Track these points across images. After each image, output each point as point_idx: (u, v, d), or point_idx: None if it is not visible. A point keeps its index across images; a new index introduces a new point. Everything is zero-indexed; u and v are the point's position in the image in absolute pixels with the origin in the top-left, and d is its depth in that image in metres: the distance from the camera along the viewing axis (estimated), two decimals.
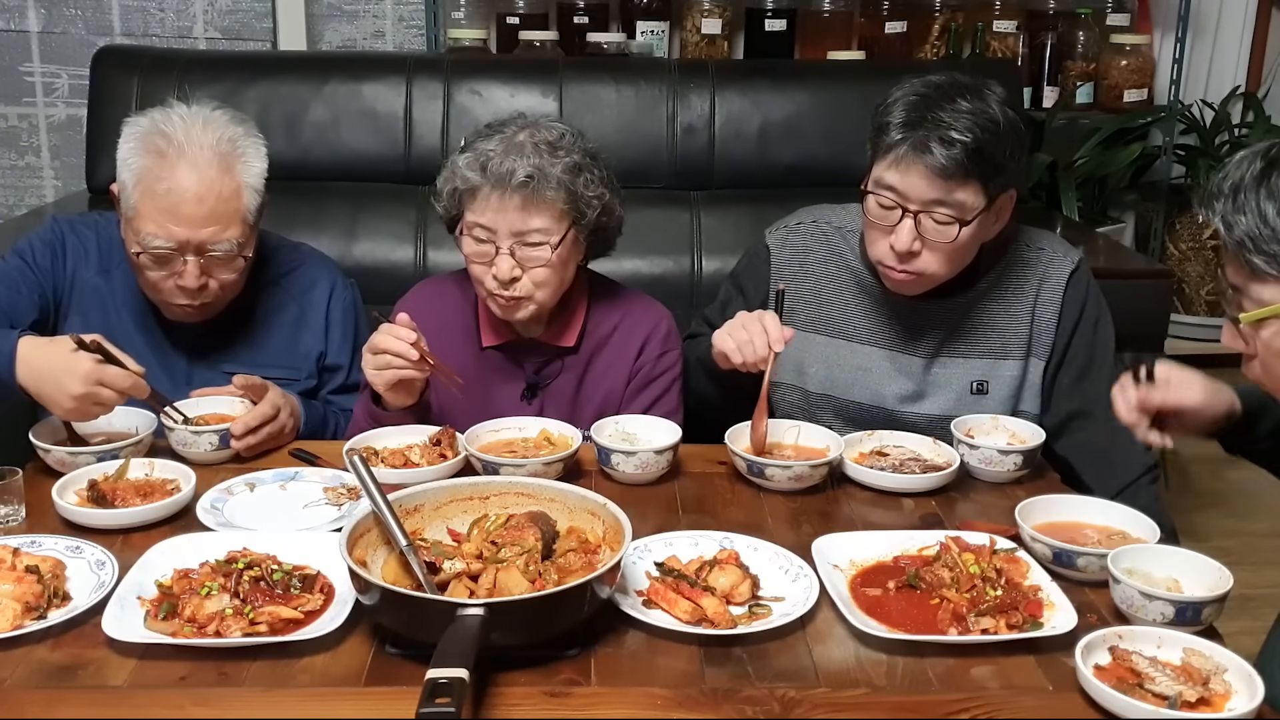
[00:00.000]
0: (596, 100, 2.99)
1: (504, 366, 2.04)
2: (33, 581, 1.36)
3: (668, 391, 2.05)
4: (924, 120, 1.78)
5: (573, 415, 1.96)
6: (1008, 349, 1.99)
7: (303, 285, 2.13)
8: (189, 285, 1.90)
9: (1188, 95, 4.38)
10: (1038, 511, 1.58)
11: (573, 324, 2.04)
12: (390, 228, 2.84)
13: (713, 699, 1.23)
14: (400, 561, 1.37)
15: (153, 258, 1.89)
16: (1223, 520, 3.19)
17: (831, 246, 2.06)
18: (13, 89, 3.98)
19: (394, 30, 4.08)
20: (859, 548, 1.52)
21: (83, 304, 2.03)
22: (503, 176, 1.84)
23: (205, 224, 1.88)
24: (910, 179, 1.80)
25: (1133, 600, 1.36)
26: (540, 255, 1.88)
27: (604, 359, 2.05)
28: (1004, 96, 1.84)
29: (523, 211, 1.86)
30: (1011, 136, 1.82)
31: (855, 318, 2.04)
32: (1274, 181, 1.34)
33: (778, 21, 3.96)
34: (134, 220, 1.89)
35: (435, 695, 1.09)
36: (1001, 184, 1.85)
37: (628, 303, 2.10)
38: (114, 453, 1.72)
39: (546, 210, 1.87)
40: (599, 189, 1.93)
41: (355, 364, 2.12)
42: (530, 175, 1.84)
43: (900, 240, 1.84)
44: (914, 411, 2.01)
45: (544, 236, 1.87)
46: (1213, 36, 4.45)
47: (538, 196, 1.85)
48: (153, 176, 1.87)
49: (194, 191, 1.86)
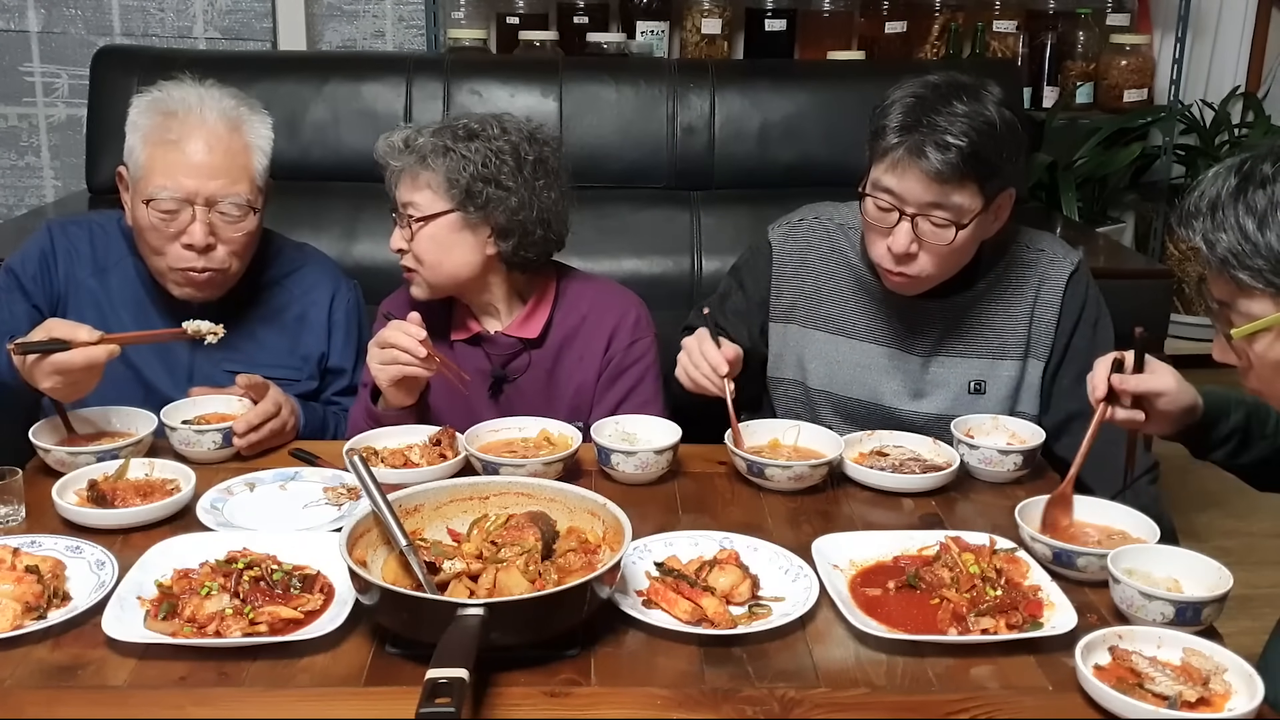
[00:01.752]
0: (596, 100, 2.99)
1: (473, 361, 2.04)
2: (33, 581, 1.36)
3: (642, 381, 2.04)
4: (919, 124, 1.79)
5: (545, 409, 1.96)
6: (1006, 349, 1.99)
7: (305, 286, 2.13)
8: (197, 242, 1.91)
9: (1188, 95, 4.38)
10: (1039, 512, 1.58)
11: (536, 315, 2.04)
12: (390, 228, 2.82)
13: (713, 699, 1.23)
14: (400, 561, 1.37)
15: (161, 215, 1.90)
16: (1223, 520, 3.19)
17: (833, 243, 2.07)
18: (13, 89, 3.98)
19: (394, 30, 4.08)
20: (859, 548, 1.52)
21: (80, 306, 2.03)
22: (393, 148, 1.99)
23: (214, 175, 1.90)
24: (906, 182, 1.81)
25: (1133, 600, 1.36)
26: (418, 229, 1.97)
27: (574, 351, 2.06)
28: (1001, 97, 1.84)
29: (411, 185, 1.98)
30: (1008, 137, 1.82)
31: (855, 315, 2.04)
32: (1250, 196, 1.33)
33: (778, 21, 3.96)
34: (142, 181, 1.91)
35: (435, 695, 1.09)
36: (999, 184, 1.85)
37: (596, 293, 2.10)
38: (114, 453, 1.72)
39: (423, 186, 1.96)
40: (489, 173, 1.94)
41: (358, 366, 2.12)
42: (405, 144, 1.96)
43: (897, 242, 1.84)
44: (912, 410, 2.01)
45: (415, 210, 1.97)
46: (1213, 36, 4.46)
47: (416, 171, 1.96)
48: (162, 128, 1.91)
49: (203, 141, 1.91)
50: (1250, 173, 1.34)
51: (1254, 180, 1.34)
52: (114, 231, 2.09)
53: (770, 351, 2.10)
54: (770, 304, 2.09)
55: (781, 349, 2.09)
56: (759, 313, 2.10)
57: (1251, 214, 1.32)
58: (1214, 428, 1.67)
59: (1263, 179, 1.33)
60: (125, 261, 2.06)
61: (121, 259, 2.06)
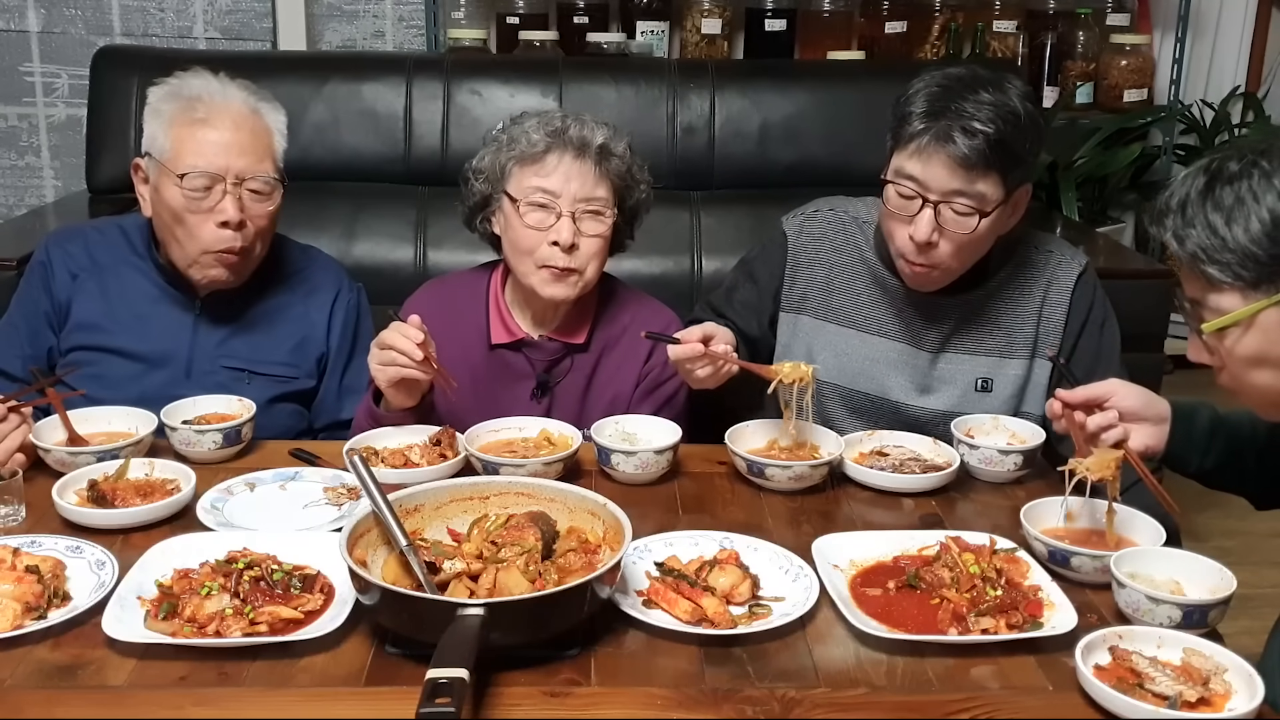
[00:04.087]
0: (596, 100, 2.98)
1: (513, 365, 2.04)
2: (33, 581, 1.36)
3: (676, 395, 2.05)
4: (947, 110, 1.79)
5: (580, 415, 1.97)
6: (1014, 348, 1.99)
7: (308, 286, 2.14)
8: (231, 218, 1.93)
9: (1188, 95, 4.38)
10: (1044, 514, 1.58)
11: (583, 321, 2.04)
12: (390, 228, 2.84)
13: (713, 699, 1.23)
14: (400, 561, 1.37)
15: (194, 193, 1.92)
16: (1223, 520, 3.19)
17: (848, 236, 2.07)
18: (13, 89, 3.98)
19: (394, 30, 4.08)
20: (859, 548, 1.52)
21: (79, 312, 2.05)
22: (581, 141, 1.91)
23: (242, 153, 1.95)
24: (932, 168, 1.81)
25: (1139, 605, 1.36)
26: (600, 226, 1.94)
27: (613, 359, 2.06)
28: (1024, 90, 1.85)
29: (592, 178, 1.93)
30: (1032, 130, 1.83)
31: (865, 308, 2.04)
32: (1218, 193, 1.36)
33: (778, 21, 3.96)
34: (171, 160, 1.94)
35: (435, 695, 1.09)
36: (1020, 177, 1.86)
37: (637, 304, 2.11)
38: (114, 453, 1.72)
39: (607, 183, 1.94)
40: (646, 175, 2.02)
41: (351, 365, 2.12)
42: (605, 143, 1.92)
43: (920, 230, 1.84)
44: (919, 406, 2.01)
45: (604, 206, 1.94)
46: (1213, 36, 4.45)
47: (605, 165, 1.93)
48: (188, 109, 1.96)
49: (230, 120, 1.96)
50: (1218, 171, 1.37)
51: (1221, 178, 1.37)
52: (113, 234, 2.10)
53: (778, 342, 2.10)
54: (782, 294, 2.09)
55: (790, 340, 2.08)
56: (770, 303, 2.10)
57: (1219, 210, 1.35)
58: (1191, 422, 1.69)
59: (1230, 176, 1.36)
60: (127, 262, 2.07)
61: (121, 260, 2.07)
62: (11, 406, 1.71)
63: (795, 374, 1.78)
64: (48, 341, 2.06)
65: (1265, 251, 1.32)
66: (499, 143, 1.98)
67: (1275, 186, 1.32)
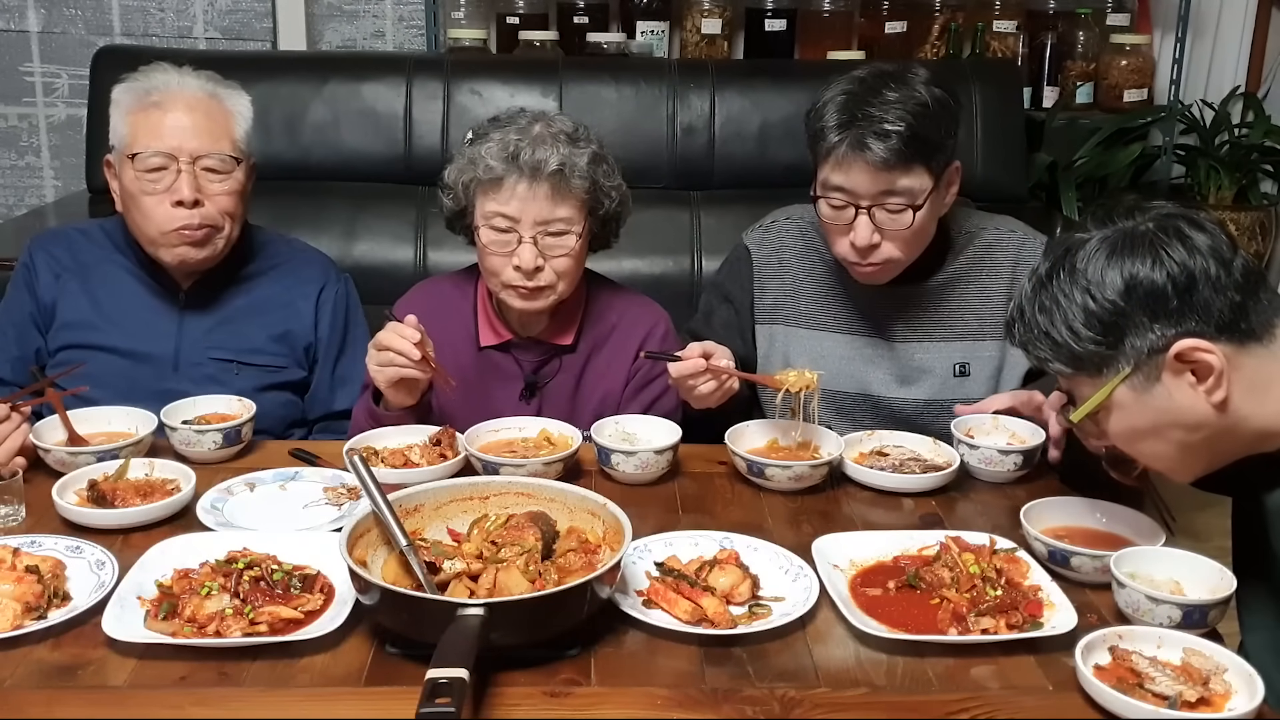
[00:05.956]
0: (596, 100, 2.98)
1: (502, 366, 2.04)
2: (33, 581, 1.36)
3: (667, 391, 2.05)
4: (855, 118, 1.82)
5: (571, 415, 1.96)
6: (985, 330, 2.02)
7: (295, 278, 2.15)
8: (185, 197, 1.94)
9: (1188, 95, 4.37)
10: (1044, 514, 1.58)
11: (570, 323, 2.04)
12: (390, 228, 2.84)
13: (713, 699, 1.23)
14: (400, 561, 1.37)
15: (147, 174, 1.94)
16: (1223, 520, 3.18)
17: (807, 241, 2.10)
18: (13, 89, 3.97)
19: (394, 30, 4.08)
20: (859, 548, 1.52)
21: (65, 311, 2.06)
22: (534, 166, 1.87)
23: (195, 134, 1.97)
24: (855, 176, 1.84)
25: (1139, 605, 1.36)
26: (564, 244, 1.92)
27: (603, 358, 2.06)
28: (929, 76, 1.88)
29: (550, 201, 1.89)
30: (942, 114, 1.86)
31: (834, 309, 2.07)
32: (1040, 297, 1.42)
33: (778, 21, 3.95)
34: (128, 147, 1.96)
35: (435, 695, 1.09)
36: (944, 160, 1.89)
37: (625, 302, 2.11)
38: (114, 453, 1.72)
39: (571, 200, 1.91)
40: (616, 179, 1.98)
41: (342, 356, 2.13)
42: (562, 165, 1.88)
43: (859, 236, 1.87)
44: (900, 397, 2.03)
45: (568, 226, 1.91)
46: (1213, 36, 4.45)
47: (565, 186, 1.89)
48: (144, 97, 1.98)
49: (184, 103, 1.99)
50: (1044, 278, 1.42)
51: (1042, 282, 1.42)
52: (96, 235, 2.13)
53: (759, 354, 2.12)
54: (755, 308, 2.11)
55: (769, 350, 2.11)
56: (748, 319, 2.12)
57: (1044, 313, 1.41)
58: None
59: (1044, 278, 1.42)
60: (111, 260, 2.09)
61: (105, 259, 2.09)
62: (12, 407, 1.71)
63: (801, 381, 1.80)
64: (35, 343, 2.07)
65: (1088, 343, 1.37)
66: (463, 159, 1.95)
67: (1079, 283, 1.37)
